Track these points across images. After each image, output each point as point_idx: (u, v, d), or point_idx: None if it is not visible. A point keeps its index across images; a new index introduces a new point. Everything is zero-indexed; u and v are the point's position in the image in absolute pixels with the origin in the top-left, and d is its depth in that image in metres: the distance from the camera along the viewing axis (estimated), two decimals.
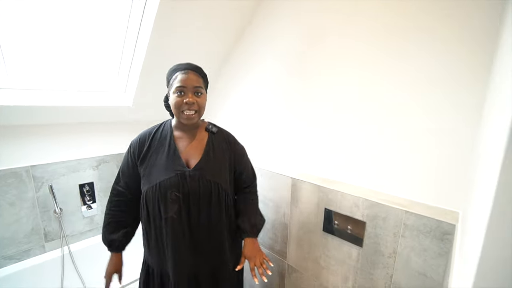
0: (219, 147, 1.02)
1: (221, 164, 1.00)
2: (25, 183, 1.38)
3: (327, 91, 1.19)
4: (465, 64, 0.83)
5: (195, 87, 0.92)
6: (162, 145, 0.97)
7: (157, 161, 0.95)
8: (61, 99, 1.38)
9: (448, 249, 0.86)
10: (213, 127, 1.05)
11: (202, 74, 0.98)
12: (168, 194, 0.90)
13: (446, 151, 0.89)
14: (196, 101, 0.93)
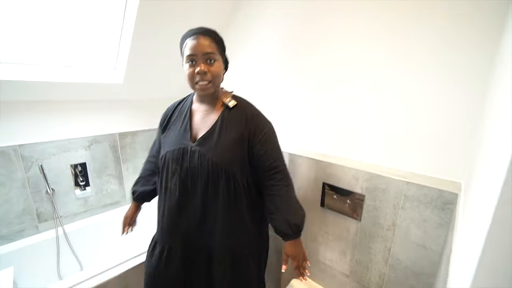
0: (232, 124, 0.89)
1: (228, 142, 0.87)
2: (13, 163, 1.33)
3: (325, 65, 1.13)
4: (473, 27, 0.77)
5: (206, 53, 0.82)
6: (180, 117, 0.97)
7: (171, 132, 0.97)
8: (47, 74, 1.31)
9: (449, 219, 0.83)
10: (231, 100, 0.91)
11: (216, 38, 0.86)
12: (170, 166, 0.91)
13: (447, 122, 0.86)
14: (209, 70, 0.83)
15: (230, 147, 0.87)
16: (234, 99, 0.93)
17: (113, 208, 1.79)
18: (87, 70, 1.45)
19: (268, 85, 1.39)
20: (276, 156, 0.92)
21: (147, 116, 1.87)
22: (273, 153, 0.91)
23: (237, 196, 0.91)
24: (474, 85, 0.79)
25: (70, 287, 1.11)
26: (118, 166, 1.76)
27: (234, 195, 0.91)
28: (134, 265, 1.27)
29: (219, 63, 0.87)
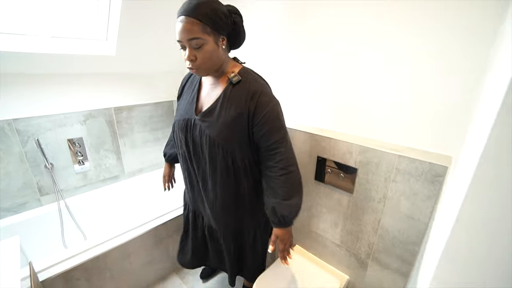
0: (234, 100, 0.85)
1: (228, 119, 0.85)
2: (9, 137, 1.33)
3: (320, 40, 1.09)
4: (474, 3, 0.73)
5: (190, 40, 0.76)
6: (191, 87, 0.99)
7: (182, 101, 1.00)
8: (36, 45, 1.26)
9: (438, 191, 0.86)
10: (235, 76, 0.85)
11: (204, 17, 0.75)
12: (178, 134, 0.96)
13: (442, 96, 0.85)
14: (195, 56, 0.79)
15: (228, 125, 0.85)
16: (241, 73, 0.87)
17: (112, 183, 1.82)
18: (77, 41, 1.40)
19: (265, 59, 1.35)
20: (277, 137, 0.86)
21: (143, 90, 1.84)
22: (274, 134, 0.85)
23: (236, 174, 0.92)
24: (472, 60, 0.77)
25: (76, 255, 1.17)
26: (115, 141, 1.77)
27: (233, 173, 0.91)
28: (136, 235, 1.33)
29: (208, 45, 0.79)
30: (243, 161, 0.90)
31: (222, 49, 0.83)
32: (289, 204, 0.88)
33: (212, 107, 0.87)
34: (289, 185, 0.88)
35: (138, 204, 1.89)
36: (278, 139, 0.86)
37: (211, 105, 0.88)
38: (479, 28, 0.74)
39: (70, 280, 1.13)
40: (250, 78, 0.87)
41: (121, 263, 1.31)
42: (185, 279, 1.56)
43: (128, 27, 1.39)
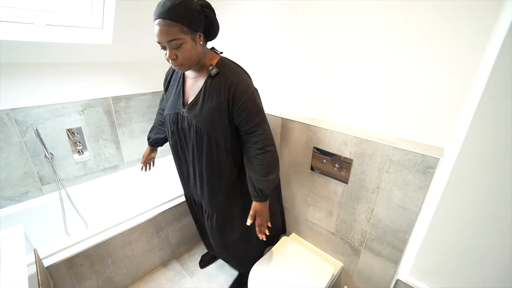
0: (214, 91, 0.91)
1: (210, 110, 0.92)
2: (8, 127, 1.34)
3: (316, 29, 1.08)
4: None
5: (169, 41, 0.81)
6: (176, 81, 1.05)
7: (170, 95, 1.05)
8: (28, 34, 1.25)
9: (429, 182, 0.88)
10: (213, 68, 0.91)
11: (180, 18, 0.78)
12: (169, 127, 1.05)
13: (436, 88, 0.85)
14: (176, 56, 0.84)
15: (211, 115, 0.93)
16: (219, 65, 0.93)
17: (112, 172, 1.85)
18: (73, 30, 1.38)
19: (261, 50, 1.34)
20: (255, 121, 0.94)
21: (141, 80, 1.83)
22: (252, 119, 0.93)
23: (220, 159, 1.01)
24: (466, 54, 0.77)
25: (79, 242, 1.21)
26: (114, 130, 1.78)
27: (217, 158, 1.00)
28: (137, 223, 1.36)
29: (187, 44, 0.83)
30: (225, 145, 0.99)
31: (200, 44, 0.88)
32: (267, 180, 0.97)
33: (196, 100, 0.95)
34: (266, 163, 0.96)
35: (137, 193, 1.92)
36: (256, 123, 0.94)
37: (194, 98, 0.95)
38: (475, 22, 0.74)
39: (74, 266, 1.17)
40: (227, 70, 0.93)
41: (123, 250, 1.35)
42: (185, 266, 1.61)
43: (124, 14, 1.37)
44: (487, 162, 0.34)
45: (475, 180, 0.34)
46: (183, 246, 1.69)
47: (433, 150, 0.88)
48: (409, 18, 0.85)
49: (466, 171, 0.35)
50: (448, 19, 0.78)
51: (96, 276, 1.28)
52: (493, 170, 0.34)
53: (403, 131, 0.98)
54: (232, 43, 1.45)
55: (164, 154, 2.14)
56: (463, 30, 0.76)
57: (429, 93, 0.88)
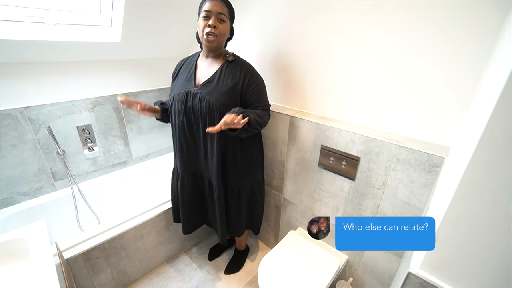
0: (230, 74, 1.09)
1: (225, 88, 1.07)
2: (22, 125, 1.37)
3: (325, 27, 1.10)
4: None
5: (218, 13, 1.02)
6: (187, 68, 1.18)
7: (179, 80, 1.18)
8: (39, 33, 1.27)
9: (434, 180, 0.92)
10: (230, 56, 1.11)
11: (228, 5, 1.06)
12: (176, 105, 1.13)
13: (444, 88, 0.88)
14: (218, 26, 1.03)
15: (225, 92, 1.07)
16: (233, 55, 1.13)
17: (122, 168, 1.89)
18: (82, 28, 1.40)
19: (272, 49, 1.37)
20: (263, 103, 1.15)
21: (148, 77, 1.85)
22: (261, 101, 1.14)
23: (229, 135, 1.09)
24: (473, 54, 0.80)
25: (94, 236, 1.25)
26: (122, 127, 1.81)
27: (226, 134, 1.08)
28: (148, 218, 1.41)
29: (227, 25, 1.07)
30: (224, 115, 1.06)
31: (228, 34, 1.11)
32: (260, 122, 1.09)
33: (211, 78, 1.09)
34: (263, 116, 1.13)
35: (145, 188, 1.97)
36: (264, 104, 1.15)
37: (209, 77, 1.10)
38: (482, 22, 0.76)
39: (90, 259, 1.22)
40: (241, 60, 1.14)
41: (135, 243, 1.40)
42: (194, 258, 1.67)
43: (133, 12, 1.39)
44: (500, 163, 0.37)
45: (487, 181, 0.37)
46: (192, 239, 1.74)
47: (438, 149, 0.91)
48: (417, 18, 0.88)
49: (479, 172, 0.38)
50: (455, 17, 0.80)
51: (111, 269, 1.33)
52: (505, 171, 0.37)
53: (409, 130, 1.01)
54: (245, 43, 1.47)
55: (172, 149, 2.17)
56: (470, 28, 0.78)
57: (435, 93, 0.91)
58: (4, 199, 1.41)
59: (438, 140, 0.96)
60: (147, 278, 1.52)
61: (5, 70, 1.28)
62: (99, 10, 1.42)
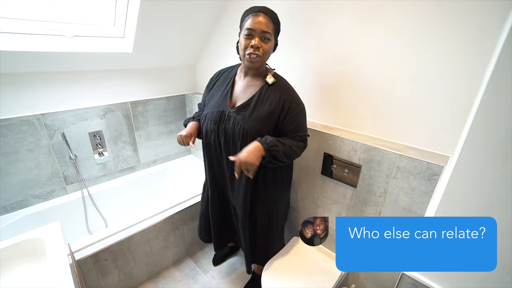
0: (268, 98, 0.99)
1: (261, 115, 0.98)
2: (38, 131, 1.44)
3: (329, 39, 1.15)
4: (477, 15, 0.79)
5: (263, 31, 0.92)
6: (224, 83, 1.10)
7: (214, 96, 1.10)
8: (58, 44, 1.35)
9: (434, 188, 0.94)
10: (271, 77, 1.02)
11: (274, 20, 0.95)
12: (209, 124, 1.06)
13: (442, 98, 0.92)
14: (262, 46, 0.94)
15: (261, 119, 0.98)
16: (275, 77, 1.03)
17: (130, 173, 1.94)
18: (97, 40, 1.48)
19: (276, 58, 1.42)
20: (301, 133, 1.03)
21: (157, 85, 1.92)
22: (299, 131, 1.03)
23: None
24: (472, 64, 0.83)
25: (103, 239, 1.30)
26: (131, 133, 1.87)
27: None
28: (155, 222, 1.45)
29: (271, 43, 0.97)
30: None
31: (272, 50, 1.01)
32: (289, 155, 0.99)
33: (247, 103, 1.01)
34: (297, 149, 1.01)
35: (153, 193, 2.02)
36: (301, 135, 1.04)
37: (246, 101, 1.01)
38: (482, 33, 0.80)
39: (99, 261, 1.26)
40: (283, 83, 1.04)
41: (142, 247, 1.44)
42: (198, 263, 1.69)
43: (144, 25, 1.46)
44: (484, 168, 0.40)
45: (473, 185, 0.41)
46: (197, 244, 1.77)
47: (438, 158, 0.94)
48: (417, 27, 0.92)
49: (463, 177, 0.41)
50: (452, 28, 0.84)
51: (118, 271, 1.37)
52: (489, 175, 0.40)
53: (410, 139, 1.05)
54: None
55: (179, 155, 2.23)
56: (469, 39, 0.82)
57: (435, 103, 0.94)
58: (19, 201, 1.47)
59: (438, 150, 0.99)
60: (152, 281, 1.55)
61: (25, 79, 1.36)
62: (113, 22, 1.51)
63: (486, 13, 0.78)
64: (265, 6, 0.95)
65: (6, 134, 1.34)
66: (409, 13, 0.92)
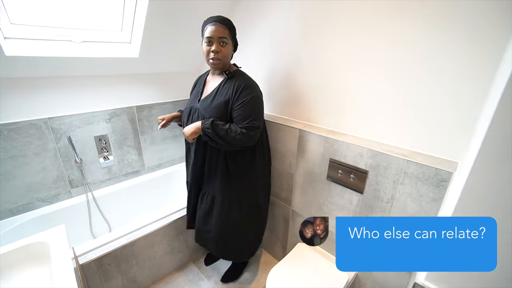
0: (225, 90, 1.14)
1: (218, 103, 1.13)
2: (45, 135, 1.46)
3: (333, 44, 1.15)
4: (483, 11, 0.78)
5: (220, 37, 1.08)
6: (199, 85, 1.29)
7: (191, 96, 1.30)
8: (67, 50, 1.37)
9: (443, 195, 0.92)
10: (230, 73, 1.16)
11: (228, 26, 1.10)
12: (184, 120, 1.26)
13: (451, 103, 0.91)
14: (221, 50, 1.09)
15: (219, 107, 1.13)
16: (234, 72, 1.17)
17: (134, 177, 1.95)
18: (105, 45, 1.50)
19: (282, 63, 1.42)
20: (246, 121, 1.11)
21: (162, 90, 1.94)
22: (243, 118, 1.11)
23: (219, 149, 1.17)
24: (482, 69, 0.82)
25: (107, 243, 1.29)
26: (136, 137, 1.88)
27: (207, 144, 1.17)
28: (159, 227, 1.44)
29: (229, 45, 1.13)
30: None
31: (231, 52, 1.17)
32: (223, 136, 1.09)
33: (209, 95, 1.18)
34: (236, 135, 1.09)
35: (157, 197, 2.01)
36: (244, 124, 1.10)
37: (209, 94, 1.19)
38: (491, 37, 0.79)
39: (102, 266, 1.26)
40: (240, 75, 1.17)
41: (146, 252, 1.43)
42: (202, 269, 1.68)
43: (151, 30, 1.48)
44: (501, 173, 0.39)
45: (485, 193, 0.40)
46: (200, 250, 1.76)
47: (446, 164, 0.93)
48: (425, 32, 0.91)
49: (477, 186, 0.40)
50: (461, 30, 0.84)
51: (122, 276, 1.36)
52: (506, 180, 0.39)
53: (417, 144, 1.03)
54: (253, 56, 1.54)
55: (184, 160, 2.23)
56: (478, 41, 0.81)
57: (443, 108, 0.93)
58: (25, 204, 1.48)
59: (447, 155, 0.97)
60: (155, 286, 1.54)
61: (34, 83, 1.38)
62: (121, 28, 1.53)
63: (495, 12, 0.77)
64: (219, 15, 1.10)
65: (14, 137, 1.36)
66: (417, 15, 0.92)
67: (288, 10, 1.31)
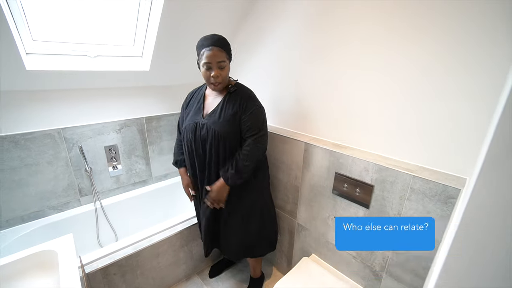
0: (231, 103, 1.17)
1: (227, 116, 1.16)
2: (58, 144, 1.51)
3: (340, 57, 1.17)
4: (489, 25, 0.79)
5: (218, 62, 1.09)
6: (196, 100, 1.29)
7: (190, 111, 1.27)
8: (83, 64, 1.44)
9: (450, 212, 0.91)
10: (233, 87, 1.19)
11: (225, 47, 1.11)
12: (188, 135, 1.24)
13: (458, 118, 0.90)
14: (220, 74, 1.11)
15: (228, 120, 1.16)
16: (236, 85, 1.21)
17: (142, 186, 1.98)
18: (117, 59, 1.56)
19: (289, 79, 1.45)
20: (255, 131, 1.18)
21: (171, 102, 1.99)
22: (252, 128, 1.17)
23: (232, 157, 1.20)
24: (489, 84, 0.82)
25: (113, 252, 1.31)
26: (145, 148, 1.92)
27: (230, 156, 1.20)
28: (165, 237, 1.45)
29: (227, 66, 1.14)
30: (236, 146, 1.20)
31: (229, 69, 1.17)
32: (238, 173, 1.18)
33: (215, 109, 1.19)
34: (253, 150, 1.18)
35: (163, 207, 2.03)
36: (256, 131, 1.18)
37: (214, 108, 1.20)
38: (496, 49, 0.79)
39: (108, 275, 1.27)
40: (243, 89, 1.23)
41: (151, 262, 1.43)
42: (206, 280, 1.66)
43: (162, 44, 1.54)
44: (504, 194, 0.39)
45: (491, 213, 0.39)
46: (205, 261, 1.75)
47: (454, 180, 0.91)
48: (430, 46, 0.92)
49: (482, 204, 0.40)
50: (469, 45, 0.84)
51: (126, 286, 1.37)
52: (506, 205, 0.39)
53: (424, 159, 1.02)
54: (261, 72, 1.57)
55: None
56: (486, 56, 0.81)
57: (451, 122, 0.92)
58: (36, 211, 1.52)
59: (454, 171, 0.96)
60: None
61: (50, 96, 1.44)
62: (133, 43, 1.59)
63: (500, 30, 0.78)
64: (214, 37, 1.10)
65: (29, 147, 1.41)
66: (426, 31, 0.93)
67: (296, 27, 1.35)
